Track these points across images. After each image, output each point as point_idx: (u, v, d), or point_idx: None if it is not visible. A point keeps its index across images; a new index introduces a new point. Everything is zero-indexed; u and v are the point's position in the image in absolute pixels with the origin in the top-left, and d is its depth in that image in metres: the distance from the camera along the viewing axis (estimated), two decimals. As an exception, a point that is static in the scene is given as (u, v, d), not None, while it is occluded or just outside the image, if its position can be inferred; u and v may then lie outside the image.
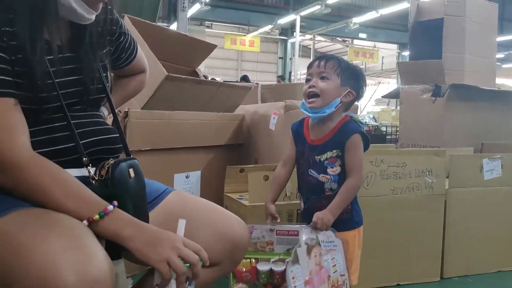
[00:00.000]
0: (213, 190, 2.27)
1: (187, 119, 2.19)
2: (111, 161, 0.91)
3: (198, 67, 2.70)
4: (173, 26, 15.15)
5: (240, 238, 1.06)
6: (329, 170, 1.43)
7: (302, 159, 1.49)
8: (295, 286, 1.30)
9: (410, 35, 2.95)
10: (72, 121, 0.90)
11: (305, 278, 1.32)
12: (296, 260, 1.33)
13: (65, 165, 0.87)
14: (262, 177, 1.84)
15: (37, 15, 0.85)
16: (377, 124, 6.95)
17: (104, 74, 1.02)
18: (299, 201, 1.60)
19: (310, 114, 1.43)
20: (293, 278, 1.31)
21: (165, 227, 0.93)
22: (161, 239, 0.81)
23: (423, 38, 2.87)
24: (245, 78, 8.30)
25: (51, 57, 0.89)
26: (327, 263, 1.35)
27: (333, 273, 1.36)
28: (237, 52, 20.90)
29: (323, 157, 1.43)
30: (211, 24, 18.88)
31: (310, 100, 1.40)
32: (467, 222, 2.08)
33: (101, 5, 0.95)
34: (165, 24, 15.18)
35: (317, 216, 1.35)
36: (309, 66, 1.44)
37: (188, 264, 0.81)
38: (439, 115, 2.67)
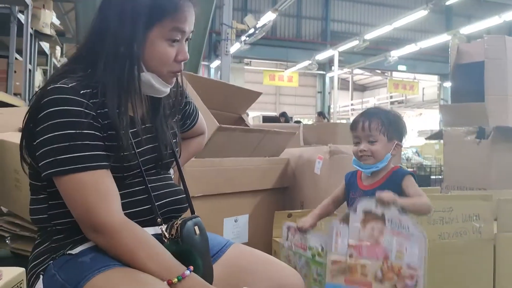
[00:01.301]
0: (261, 233, 2.34)
1: (235, 165, 2.30)
2: (179, 221, 1.01)
3: (244, 114, 2.84)
4: (214, 64, 15.67)
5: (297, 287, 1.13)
6: None
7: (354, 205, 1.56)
8: (336, 243, 1.28)
9: (452, 77, 2.98)
10: (149, 185, 1.02)
11: (351, 242, 1.28)
12: (345, 221, 1.31)
13: (141, 224, 0.98)
14: (309, 223, 1.90)
15: (124, 94, 0.99)
16: (420, 159, 6.86)
17: (174, 141, 1.14)
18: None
19: (363, 170, 1.53)
20: (336, 234, 1.30)
21: (226, 280, 1.02)
22: None
23: (465, 80, 2.90)
24: (284, 115, 8.45)
25: (134, 129, 1.02)
26: (389, 244, 1.26)
27: (395, 258, 1.26)
28: (275, 86, 21.24)
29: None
30: (250, 61, 19.37)
31: (363, 158, 1.50)
32: (518, 267, 2.05)
33: (174, 80, 1.08)
34: (206, 63, 15.70)
35: (380, 193, 1.32)
36: (353, 128, 1.53)
37: None
38: (484, 157, 2.66)
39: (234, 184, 2.30)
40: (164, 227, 1.01)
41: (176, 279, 0.90)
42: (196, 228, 1.04)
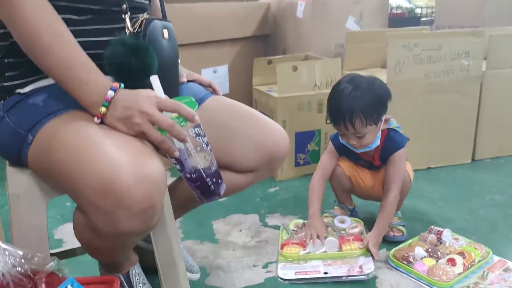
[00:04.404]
0: (242, 84, 2.26)
1: (209, 11, 2.11)
2: (146, 15, 0.85)
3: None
4: None
5: (279, 149, 1.02)
6: None
7: (358, 161, 1.47)
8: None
9: None
10: None
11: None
12: None
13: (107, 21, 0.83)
14: (290, 67, 1.80)
15: None
16: (411, 6, 6.51)
17: None
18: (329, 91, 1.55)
19: (356, 150, 1.38)
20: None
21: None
22: (131, 109, 0.73)
23: None
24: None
25: None
26: None
27: None
28: None
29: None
30: None
31: (355, 147, 1.36)
32: (502, 104, 2.03)
33: None
34: None
35: (372, 245, 1.28)
36: (335, 125, 1.34)
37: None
38: (479, -8, 2.47)
39: (209, 32, 2.14)
40: (128, 16, 0.85)
41: (103, 107, 0.72)
42: (165, 31, 0.87)
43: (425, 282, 1.19)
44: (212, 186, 0.82)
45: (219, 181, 0.84)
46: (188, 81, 1.10)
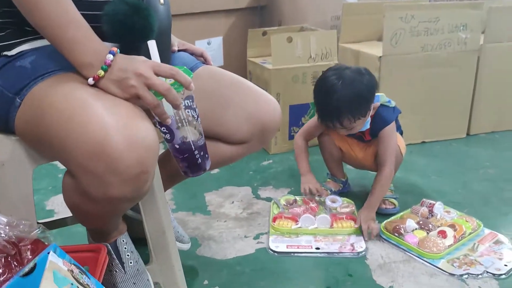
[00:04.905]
0: (236, 56, 2.22)
1: (204, -21, 2.07)
2: None
3: None
4: None
5: (271, 118, 1.00)
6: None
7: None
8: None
9: None
10: None
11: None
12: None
13: None
14: (285, 39, 1.77)
15: None
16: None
17: None
18: (324, 63, 1.53)
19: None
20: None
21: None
22: (127, 71, 0.71)
23: None
24: None
25: None
26: None
27: None
28: None
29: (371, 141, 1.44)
30: None
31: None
32: (499, 79, 2.01)
33: None
34: None
35: (365, 223, 1.28)
36: (324, 123, 1.35)
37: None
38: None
39: (204, 3, 2.10)
40: None
41: (101, 71, 0.71)
42: None
43: (415, 253, 1.20)
44: (199, 159, 0.81)
45: (206, 155, 0.83)
46: (179, 50, 1.08)
